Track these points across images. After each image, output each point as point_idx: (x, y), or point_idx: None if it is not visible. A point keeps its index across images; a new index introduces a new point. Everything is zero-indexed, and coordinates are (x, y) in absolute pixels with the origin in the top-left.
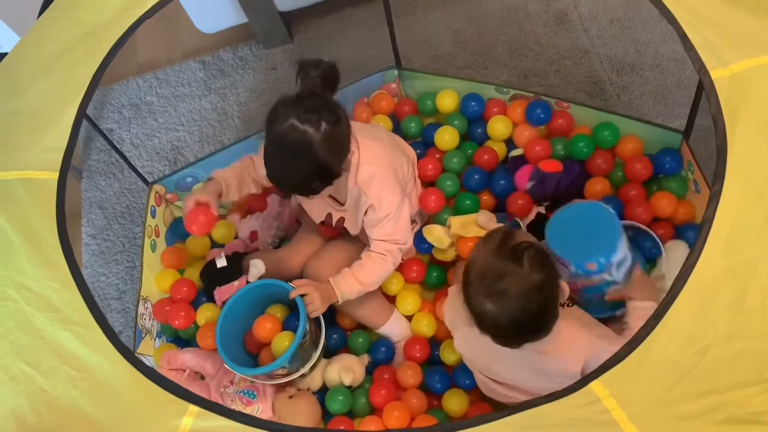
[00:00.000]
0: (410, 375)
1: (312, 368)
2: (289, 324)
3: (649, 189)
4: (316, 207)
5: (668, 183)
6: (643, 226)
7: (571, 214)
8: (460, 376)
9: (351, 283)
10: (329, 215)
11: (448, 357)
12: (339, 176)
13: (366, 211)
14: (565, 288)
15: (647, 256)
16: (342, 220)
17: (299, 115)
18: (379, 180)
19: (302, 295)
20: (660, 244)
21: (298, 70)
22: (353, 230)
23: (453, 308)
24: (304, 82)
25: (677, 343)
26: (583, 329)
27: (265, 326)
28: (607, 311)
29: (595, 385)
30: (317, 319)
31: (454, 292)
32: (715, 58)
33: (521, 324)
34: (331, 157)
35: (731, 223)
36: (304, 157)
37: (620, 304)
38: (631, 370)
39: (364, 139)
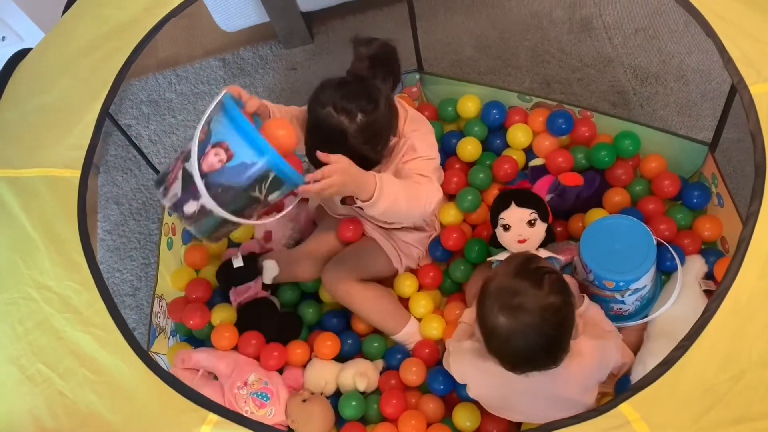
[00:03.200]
0: (414, 372)
1: (201, 216)
2: None
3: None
4: None
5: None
6: (662, 241)
7: (617, 225)
8: (462, 387)
9: (393, 183)
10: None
11: None
12: (379, 163)
13: (404, 153)
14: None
15: (664, 268)
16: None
17: (336, 103)
18: (423, 133)
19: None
20: (677, 258)
21: (353, 48)
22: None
23: (460, 360)
24: (354, 61)
25: (711, 367)
26: (596, 344)
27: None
28: None
29: (624, 408)
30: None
31: (458, 346)
32: (754, 73)
33: (532, 346)
34: (368, 147)
35: None
36: (339, 148)
37: (621, 317)
38: (662, 392)
39: (411, 114)
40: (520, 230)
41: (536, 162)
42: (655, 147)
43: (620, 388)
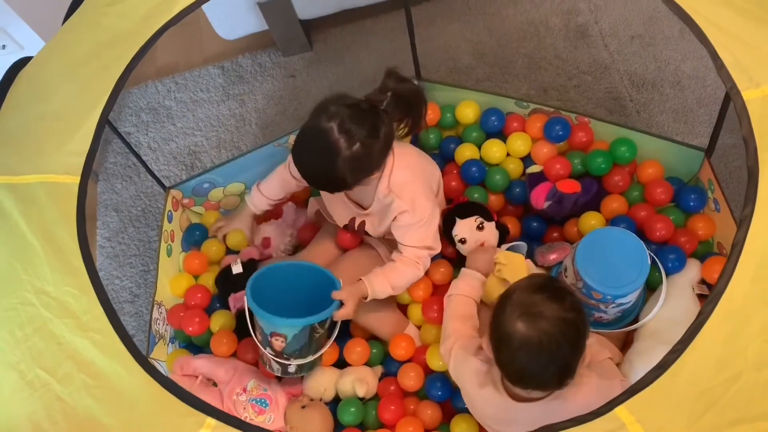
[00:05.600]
0: (412, 377)
1: (300, 369)
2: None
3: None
4: (339, 210)
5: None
6: (654, 256)
7: (615, 238)
8: (459, 397)
9: (383, 283)
10: (353, 219)
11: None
12: (350, 189)
13: (396, 217)
14: None
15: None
16: (363, 224)
17: (342, 122)
18: (413, 185)
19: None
20: (663, 274)
21: (384, 76)
22: (374, 232)
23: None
24: (377, 90)
25: (706, 370)
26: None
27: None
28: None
29: (620, 411)
30: (333, 327)
31: (460, 353)
32: (746, 78)
33: (545, 358)
34: (350, 174)
35: (763, 246)
36: (326, 163)
37: (599, 324)
38: (658, 395)
39: (399, 147)
40: (475, 237)
41: (534, 169)
42: (651, 153)
43: None
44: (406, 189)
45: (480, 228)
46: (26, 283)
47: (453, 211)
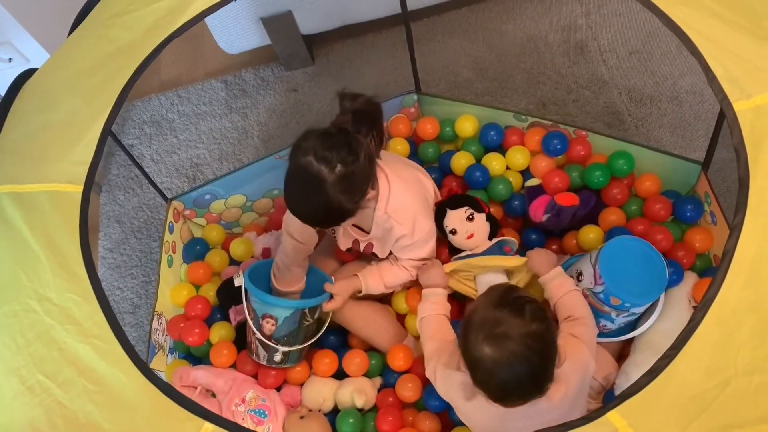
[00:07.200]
0: (410, 388)
1: (285, 358)
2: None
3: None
4: (341, 234)
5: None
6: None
7: (636, 249)
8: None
9: (377, 281)
10: (356, 241)
11: None
12: (352, 215)
13: (397, 239)
14: None
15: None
16: (371, 246)
17: (317, 153)
18: (412, 208)
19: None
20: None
21: (339, 101)
22: (382, 254)
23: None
24: (339, 114)
25: (697, 375)
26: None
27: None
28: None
29: (612, 416)
30: (322, 323)
31: (443, 371)
32: (738, 90)
33: (518, 375)
34: (344, 198)
35: (753, 254)
36: (317, 195)
37: (601, 333)
38: (650, 400)
39: (394, 168)
40: (465, 228)
41: (532, 182)
42: (649, 166)
43: (607, 401)
44: (405, 213)
45: (470, 219)
46: (29, 289)
47: (444, 202)
